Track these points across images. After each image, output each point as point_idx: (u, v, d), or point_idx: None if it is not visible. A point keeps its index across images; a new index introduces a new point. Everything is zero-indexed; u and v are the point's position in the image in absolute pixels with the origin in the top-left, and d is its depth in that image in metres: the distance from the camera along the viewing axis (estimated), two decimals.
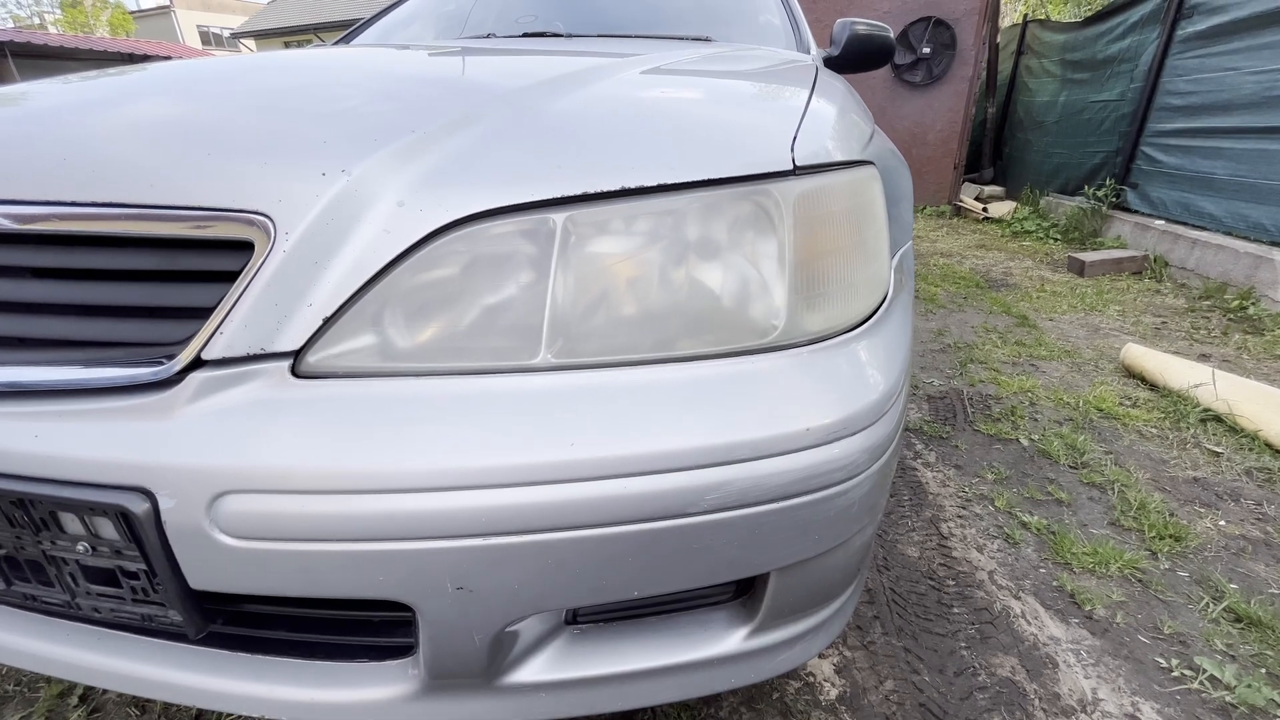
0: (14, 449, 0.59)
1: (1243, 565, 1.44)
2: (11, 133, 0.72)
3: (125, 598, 0.63)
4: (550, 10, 1.95)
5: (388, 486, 0.55)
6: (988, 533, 1.56)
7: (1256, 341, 2.77)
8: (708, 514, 0.59)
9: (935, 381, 2.42)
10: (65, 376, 0.60)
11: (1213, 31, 3.84)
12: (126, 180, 0.62)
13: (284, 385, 0.60)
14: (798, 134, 0.71)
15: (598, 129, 0.73)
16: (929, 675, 1.15)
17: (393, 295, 0.62)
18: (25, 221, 0.62)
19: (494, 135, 0.69)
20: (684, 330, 0.65)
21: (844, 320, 0.72)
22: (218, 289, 0.60)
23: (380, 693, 0.68)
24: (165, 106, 0.78)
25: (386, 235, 0.61)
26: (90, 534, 0.60)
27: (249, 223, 0.59)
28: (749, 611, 0.73)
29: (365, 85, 0.89)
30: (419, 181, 0.63)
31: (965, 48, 5.59)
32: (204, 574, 0.59)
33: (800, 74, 1.05)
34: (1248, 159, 3.53)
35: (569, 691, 0.70)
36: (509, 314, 0.63)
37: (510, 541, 0.57)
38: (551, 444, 0.57)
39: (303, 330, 0.59)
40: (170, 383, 0.59)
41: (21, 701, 1.09)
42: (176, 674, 0.70)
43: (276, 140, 0.67)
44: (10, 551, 0.64)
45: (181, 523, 0.56)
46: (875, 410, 0.67)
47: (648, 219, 0.65)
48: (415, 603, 0.59)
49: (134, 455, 0.56)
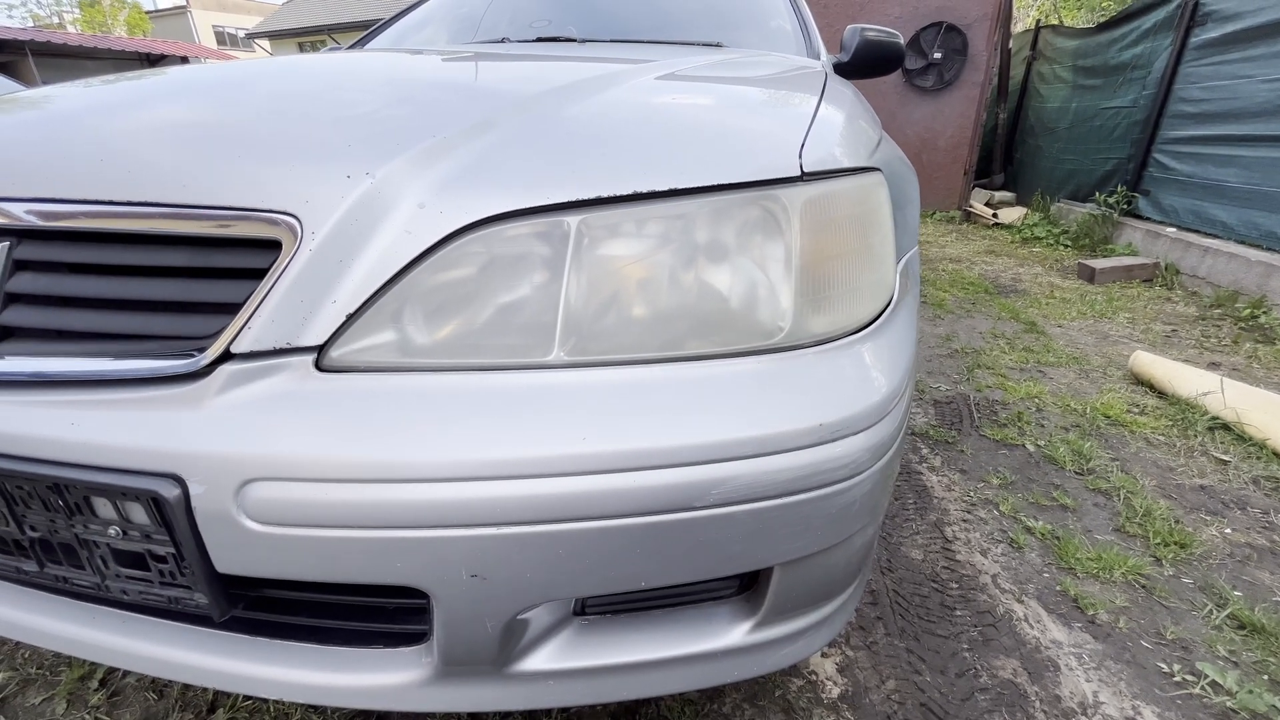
0: (52, 436, 0.61)
1: (1247, 573, 1.44)
2: (45, 134, 0.76)
3: (153, 580, 0.66)
4: (563, 15, 1.98)
5: (407, 476, 0.58)
6: (992, 537, 1.56)
7: (1267, 350, 2.76)
8: (714, 508, 0.61)
9: (942, 386, 2.43)
10: (100, 368, 0.63)
11: (1226, 39, 3.83)
12: (161, 181, 0.65)
13: (308, 378, 0.62)
14: (806, 141, 0.73)
15: (611, 134, 0.75)
16: (931, 676, 1.17)
17: (413, 293, 0.64)
18: (64, 219, 0.65)
19: (511, 140, 0.72)
20: (693, 330, 0.67)
21: (849, 323, 0.73)
22: (246, 285, 0.62)
23: (394, 678, 0.70)
24: (194, 110, 0.81)
25: (408, 236, 0.63)
26: (121, 518, 0.63)
27: (277, 223, 0.62)
28: (753, 606, 0.75)
29: (386, 90, 0.92)
30: (439, 184, 0.65)
31: (977, 53, 5.60)
32: (230, 558, 0.62)
33: (809, 81, 1.06)
34: (1260, 167, 3.51)
35: (576, 680, 0.72)
36: (524, 313, 0.65)
37: (524, 531, 0.59)
38: (565, 438, 0.59)
39: (327, 326, 0.62)
40: (200, 374, 0.62)
41: (44, 685, 1.13)
42: (197, 656, 0.72)
43: (303, 144, 0.70)
44: (44, 535, 0.67)
45: (210, 508, 0.59)
46: (878, 411, 0.69)
47: (659, 222, 0.68)
48: (431, 589, 0.62)
49: (166, 443, 0.59)
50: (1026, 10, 10.98)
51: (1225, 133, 3.79)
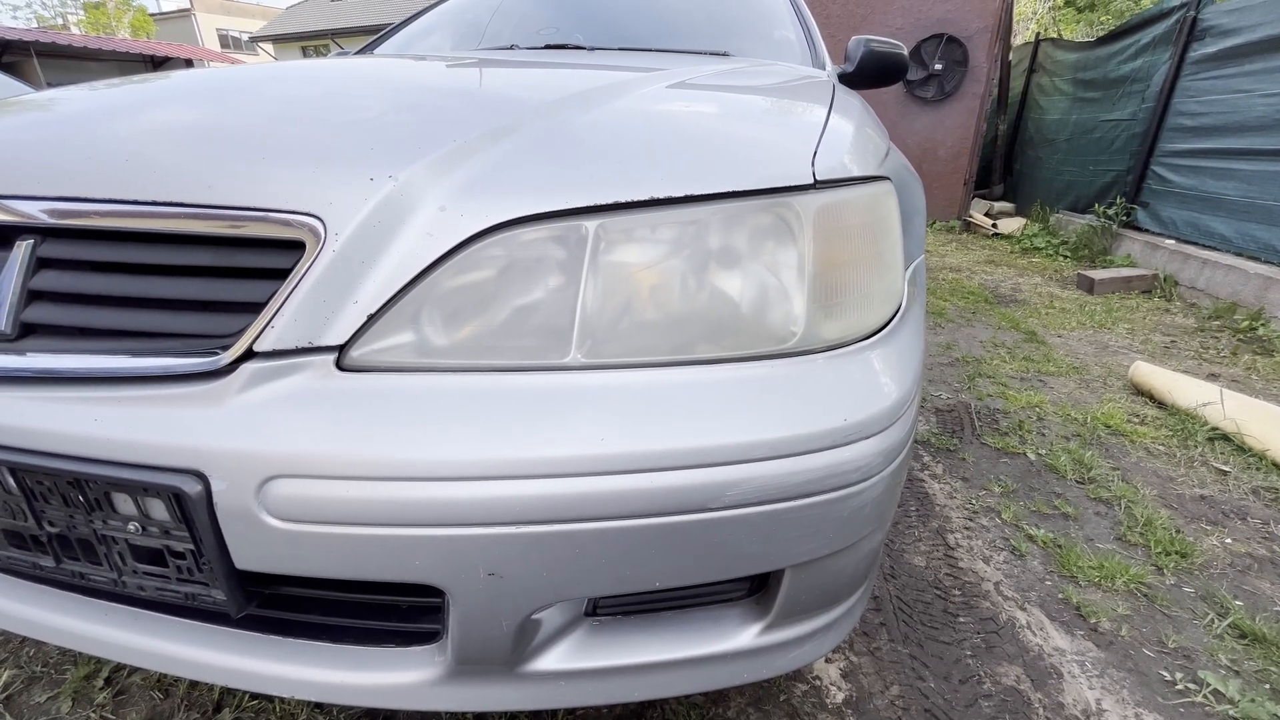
0: (74, 432, 0.62)
1: (1248, 582, 1.45)
2: (67, 135, 0.76)
3: (171, 576, 0.67)
4: (568, 23, 1.99)
5: (426, 475, 0.59)
6: (994, 544, 1.57)
7: (1266, 362, 2.77)
8: (728, 509, 0.62)
9: (943, 395, 2.44)
10: (124, 365, 0.64)
11: (1225, 54, 3.87)
12: (186, 182, 0.65)
13: (329, 377, 0.63)
14: (818, 149, 0.75)
15: (628, 141, 0.76)
16: (934, 682, 1.17)
17: (433, 295, 0.65)
18: (88, 218, 0.66)
19: (530, 146, 0.73)
20: (707, 335, 0.68)
21: (860, 329, 0.75)
22: (269, 285, 0.63)
23: (407, 677, 0.71)
24: (215, 113, 0.82)
25: (428, 238, 0.64)
26: (141, 514, 0.63)
27: (301, 224, 0.63)
28: (762, 608, 0.76)
29: (403, 95, 0.93)
30: (460, 188, 0.66)
31: (977, 65, 5.66)
32: (250, 554, 0.62)
33: (818, 90, 1.08)
34: (1259, 180, 3.54)
35: (586, 681, 0.73)
36: (541, 315, 0.66)
37: (541, 530, 0.60)
38: (584, 438, 0.60)
39: (348, 326, 0.63)
40: (223, 372, 0.63)
41: (49, 682, 1.12)
42: (209, 654, 0.72)
43: (327, 147, 0.71)
44: (62, 530, 0.67)
45: (231, 505, 0.60)
46: (889, 416, 0.70)
47: (675, 228, 0.69)
48: (448, 587, 0.62)
49: (189, 440, 0.60)
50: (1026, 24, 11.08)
51: (1223, 146, 3.82)
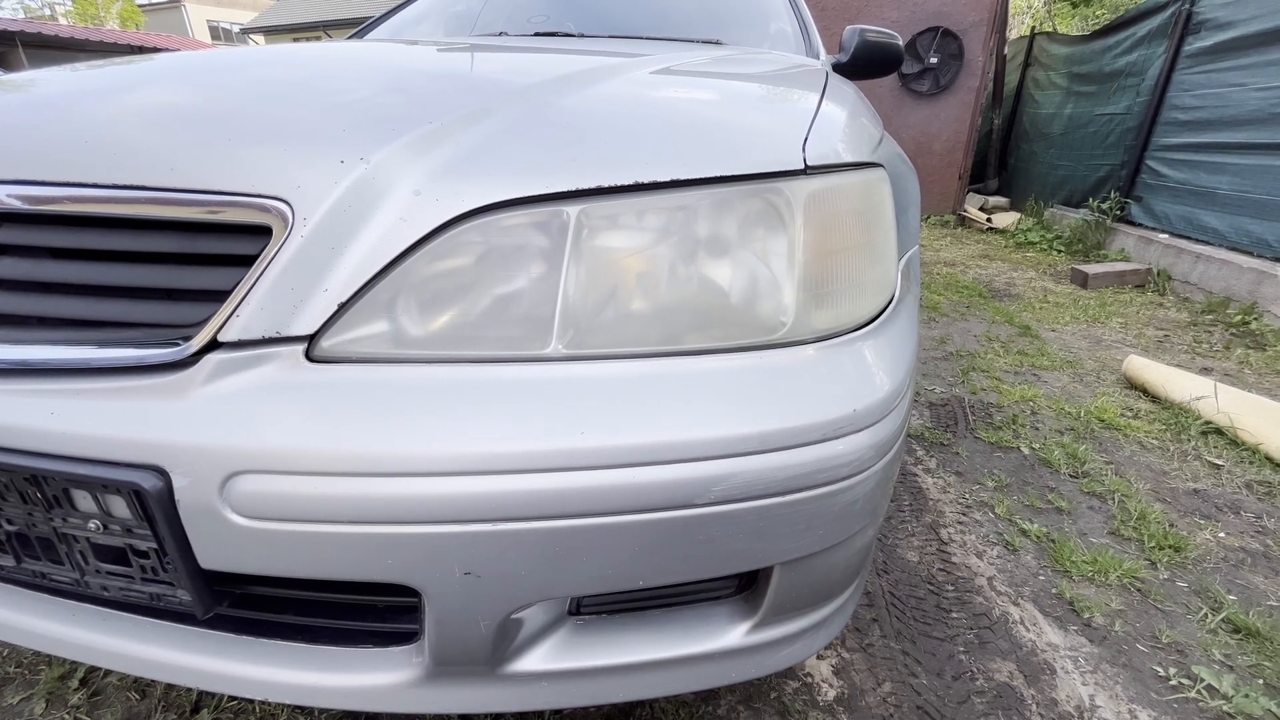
0: (30, 426, 0.59)
1: (1242, 577, 1.44)
2: (29, 117, 0.73)
3: (135, 576, 0.64)
4: (560, 11, 1.96)
5: (399, 470, 0.56)
6: (987, 539, 1.56)
7: (1259, 356, 2.78)
8: (715, 505, 0.60)
9: (937, 389, 2.43)
10: (82, 355, 0.61)
11: (1219, 48, 3.86)
12: (147, 164, 0.62)
13: (298, 369, 0.60)
14: (809, 134, 0.72)
15: (612, 125, 0.73)
16: (927, 678, 1.16)
17: (407, 283, 0.62)
18: (46, 203, 0.63)
19: (509, 128, 0.70)
20: (694, 324, 0.66)
21: (852, 319, 0.72)
22: (235, 272, 0.61)
23: (384, 678, 0.68)
24: (183, 94, 0.79)
25: (402, 223, 0.61)
26: (102, 511, 0.61)
27: (267, 208, 0.60)
28: (751, 606, 0.74)
29: (381, 78, 0.90)
30: (435, 171, 0.63)
31: (972, 58, 5.63)
32: (214, 553, 0.60)
33: (811, 77, 1.06)
34: (1252, 175, 3.54)
35: (570, 681, 0.71)
36: (522, 304, 0.64)
37: (519, 527, 0.57)
38: (563, 432, 0.58)
39: (318, 315, 0.60)
40: (186, 364, 0.60)
41: (23, 683, 1.10)
42: (180, 655, 0.70)
43: (296, 128, 0.68)
44: (21, 528, 0.64)
45: (194, 501, 0.57)
46: (881, 408, 0.67)
47: (660, 213, 0.66)
48: (423, 587, 0.60)
49: (149, 434, 0.57)
50: (1021, 17, 11.07)
51: (1217, 140, 3.82)
